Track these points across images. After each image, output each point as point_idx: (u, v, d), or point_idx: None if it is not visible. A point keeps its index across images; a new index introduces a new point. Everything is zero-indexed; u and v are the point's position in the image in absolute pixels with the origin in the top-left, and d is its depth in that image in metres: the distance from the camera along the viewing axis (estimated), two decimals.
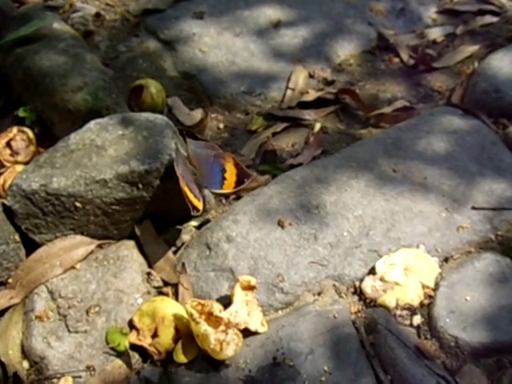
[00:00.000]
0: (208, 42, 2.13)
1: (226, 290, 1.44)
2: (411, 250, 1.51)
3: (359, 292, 1.46)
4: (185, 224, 1.60)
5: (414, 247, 1.52)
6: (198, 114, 1.93)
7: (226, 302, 1.40)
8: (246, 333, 1.36)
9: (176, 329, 1.37)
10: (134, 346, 1.38)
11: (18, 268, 1.49)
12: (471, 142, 1.74)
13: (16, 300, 1.46)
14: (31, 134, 1.78)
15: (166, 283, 1.49)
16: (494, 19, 2.24)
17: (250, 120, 1.94)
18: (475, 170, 1.67)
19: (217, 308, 1.34)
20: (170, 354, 1.36)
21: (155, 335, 1.38)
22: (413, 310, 1.43)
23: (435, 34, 2.21)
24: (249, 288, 1.39)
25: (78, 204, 1.48)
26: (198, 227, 1.60)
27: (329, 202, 1.58)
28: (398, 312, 1.43)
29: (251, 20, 2.19)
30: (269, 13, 2.22)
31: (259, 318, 1.38)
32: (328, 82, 2.04)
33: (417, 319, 1.42)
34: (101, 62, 1.96)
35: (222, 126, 1.93)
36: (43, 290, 1.47)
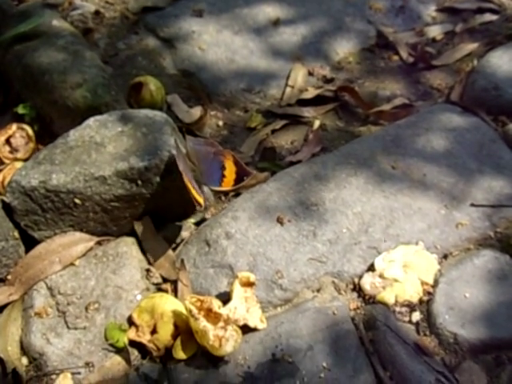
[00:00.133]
0: (207, 40, 2.13)
1: (225, 286, 1.44)
2: (410, 247, 1.51)
3: (358, 289, 1.46)
4: (184, 221, 1.60)
5: (413, 244, 1.52)
6: (197, 112, 1.93)
7: (225, 298, 1.40)
8: (245, 329, 1.36)
9: (175, 325, 1.37)
10: (133, 343, 1.38)
11: (17, 265, 1.49)
12: (470, 139, 1.74)
13: (15, 296, 1.46)
14: (30, 131, 1.78)
15: (165, 280, 1.49)
16: (493, 17, 2.24)
17: (249, 117, 1.94)
18: (474, 167, 1.67)
19: (216, 304, 1.34)
20: (169, 351, 1.36)
21: (154, 331, 1.38)
22: (412, 307, 1.43)
23: (434, 31, 2.21)
24: (248, 284, 1.39)
25: (78, 201, 1.48)
26: (197, 224, 1.60)
27: (328, 198, 1.58)
28: (397, 309, 1.43)
29: (250, 18, 2.19)
30: (268, 11, 2.22)
31: (258, 315, 1.38)
32: (327, 80, 2.04)
33: (416, 316, 1.42)
34: (100, 59, 1.96)
35: (221, 123, 1.93)
36: (42, 287, 1.47)
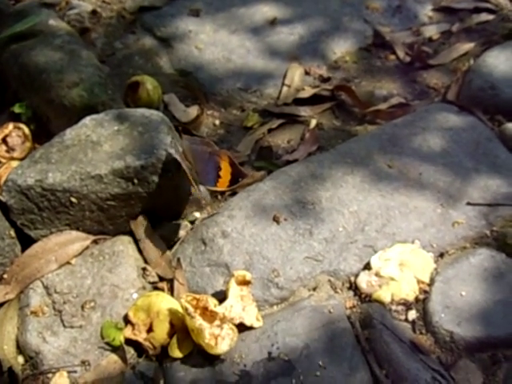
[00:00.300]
0: (204, 40, 2.13)
1: (222, 285, 1.44)
2: (406, 246, 1.51)
3: (354, 287, 1.46)
4: (180, 219, 1.60)
5: (409, 243, 1.52)
6: (193, 111, 1.93)
7: (222, 297, 1.39)
8: (241, 328, 1.36)
9: (171, 323, 1.37)
10: (129, 341, 1.38)
11: (13, 263, 1.49)
12: (467, 138, 1.74)
13: (11, 295, 1.46)
14: (27, 130, 1.78)
15: (161, 278, 1.49)
16: (489, 17, 2.24)
17: (245, 116, 1.94)
18: (470, 166, 1.67)
19: (212, 303, 1.34)
20: (165, 349, 1.36)
21: (150, 330, 1.38)
22: (408, 305, 1.44)
23: (431, 31, 2.21)
24: (244, 283, 1.39)
25: (74, 199, 1.48)
26: (193, 222, 1.60)
27: (324, 197, 1.58)
28: (394, 307, 1.43)
29: (247, 17, 2.20)
30: (265, 10, 2.22)
31: (254, 313, 1.38)
32: (324, 79, 2.04)
33: (412, 314, 1.42)
34: (97, 58, 1.96)
35: (217, 122, 1.93)
36: (38, 286, 1.47)
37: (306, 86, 2.02)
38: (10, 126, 1.77)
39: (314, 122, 1.90)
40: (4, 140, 1.76)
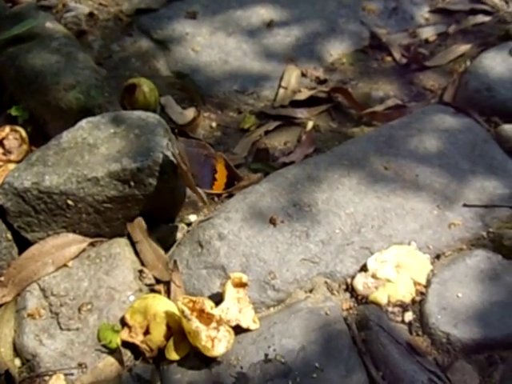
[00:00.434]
0: (201, 42, 2.13)
1: (218, 287, 1.44)
2: (403, 247, 1.51)
3: (351, 289, 1.46)
4: (177, 222, 1.60)
5: (405, 244, 1.52)
6: (190, 113, 1.93)
7: (218, 299, 1.39)
8: (238, 330, 1.36)
9: (168, 326, 1.37)
10: (125, 344, 1.38)
11: (10, 266, 1.49)
12: (463, 139, 1.75)
13: (8, 298, 1.46)
14: (24, 133, 1.78)
15: (158, 281, 1.48)
16: (486, 18, 2.24)
17: (242, 119, 1.94)
18: (467, 167, 1.67)
19: (208, 305, 1.34)
20: (161, 351, 1.36)
21: (147, 332, 1.37)
22: (404, 307, 1.44)
23: (428, 33, 2.22)
24: (240, 285, 1.39)
25: (70, 202, 1.48)
26: (190, 225, 1.60)
27: (321, 199, 1.58)
28: (390, 309, 1.43)
29: (244, 19, 2.20)
30: (261, 12, 2.22)
31: (251, 315, 1.38)
32: (320, 81, 2.04)
33: (408, 316, 1.42)
34: (94, 61, 1.96)
35: (214, 124, 1.93)
36: (35, 288, 1.46)
37: (303, 88, 2.02)
38: (7, 128, 1.77)
39: (310, 124, 1.90)
40: (1, 143, 1.76)
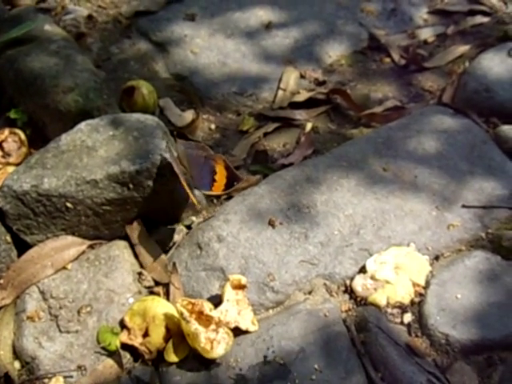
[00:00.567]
0: (199, 44, 2.13)
1: (217, 289, 1.44)
2: (402, 249, 1.51)
3: (350, 291, 1.46)
4: (176, 224, 1.60)
5: (404, 245, 1.53)
6: (189, 115, 1.93)
7: (217, 301, 1.39)
8: (237, 332, 1.36)
9: (167, 328, 1.37)
10: (125, 346, 1.38)
11: (9, 269, 1.49)
12: (462, 140, 1.75)
13: (7, 301, 1.46)
14: (23, 136, 1.78)
15: (157, 283, 1.49)
16: (484, 19, 2.25)
17: (241, 120, 1.94)
18: (466, 168, 1.68)
19: (207, 307, 1.34)
20: (160, 353, 1.36)
21: (146, 334, 1.38)
22: (403, 308, 1.44)
23: (426, 34, 2.22)
24: (239, 287, 1.39)
25: (69, 204, 1.48)
26: (189, 227, 1.60)
27: (319, 201, 1.59)
28: (389, 310, 1.43)
29: (242, 21, 2.20)
30: (260, 14, 2.22)
31: (250, 317, 1.38)
32: (319, 83, 2.05)
33: (407, 317, 1.42)
34: (93, 63, 1.96)
35: (213, 126, 1.93)
36: (34, 291, 1.47)
37: (302, 90, 2.02)
38: (6, 131, 1.77)
39: (309, 126, 1.90)
40: (0, 145, 1.76)
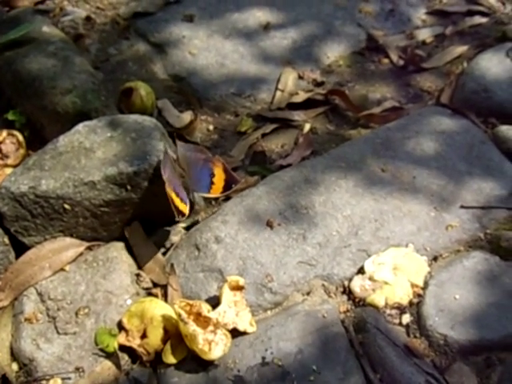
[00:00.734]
0: (198, 45, 2.13)
1: (215, 290, 1.44)
2: (400, 250, 1.51)
3: (348, 291, 1.46)
4: (174, 225, 1.59)
5: (402, 246, 1.53)
6: (187, 116, 1.93)
7: (215, 302, 1.40)
8: (235, 333, 1.36)
9: (165, 329, 1.37)
10: (123, 347, 1.38)
11: (7, 270, 1.49)
12: (460, 141, 1.75)
13: (5, 302, 1.46)
14: (21, 137, 1.78)
15: (155, 284, 1.49)
16: (482, 20, 2.25)
17: (239, 121, 1.94)
18: (464, 169, 1.67)
19: (205, 308, 1.34)
20: (158, 355, 1.36)
21: (144, 336, 1.38)
22: (402, 309, 1.44)
23: (424, 34, 2.22)
24: (237, 288, 1.39)
25: (67, 206, 1.48)
26: (187, 228, 1.60)
27: (318, 202, 1.58)
28: (387, 311, 1.43)
29: (241, 22, 2.20)
30: (258, 15, 2.22)
31: (248, 318, 1.38)
32: (317, 83, 2.04)
33: (406, 318, 1.42)
34: (91, 65, 1.97)
35: (211, 127, 1.93)
36: (32, 293, 1.47)
37: (300, 91, 2.02)
38: (4, 133, 1.77)
39: (307, 127, 1.90)
40: None
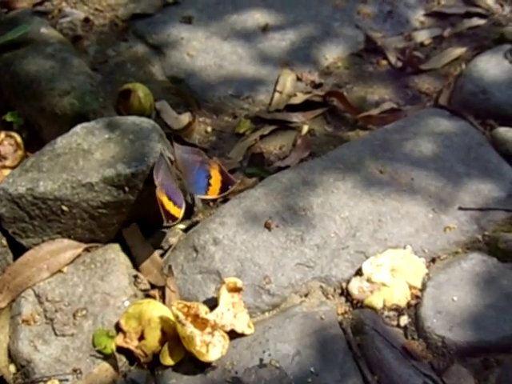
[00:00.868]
0: (196, 46, 2.13)
1: (213, 292, 1.44)
2: (398, 251, 1.51)
3: (346, 293, 1.46)
4: (172, 227, 1.59)
5: (400, 248, 1.52)
6: (185, 118, 1.93)
7: (213, 304, 1.40)
8: (233, 335, 1.36)
9: (162, 331, 1.37)
10: (120, 349, 1.38)
11: (4, 272, 1.49)
12: (458, 143, 1.75)
13: (3, 304, 1.46)
14: (19, 139, 1.78)
15: (153, 286, 1.49)
16: (481, 21, 2.25)
17: (237, 123, 1.94)
18: (462, 170, 1.67)
19: (203, 310, 1.34)
20: (156, 357, 1.36)
21: (142, 338, 1.38)
22: (400, 311, 1.44)
23: (423, 36, 2.22)
24: (235, 290, 1.39)
25: (65, 208, 1.48)
26: (185, 230, 1.60)
27: (316, 203, 1.58)
28: (385, 313, 1.43)
29: (239, 24, 2.20)
30: (257, 16, 2.22)
31: (246, 320, 1.38)
32: (316, 85, 2.04)
33: (404, 320, 1.42)
34: (89, 66, 1.97)
35: (209, 129, 1.93)
36: (30, 294, 1.46)
37: (298, 92, 2.02)
38: (2, 134, 1.77)
39: (305, 128, 1.90)
40: None
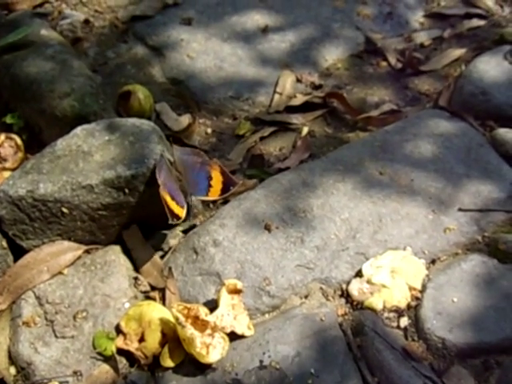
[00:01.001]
0: (196, 48, 2.13)
1: (213, 293, 1.44)
2: (398, 253, 1.51)
3: (346, 295, 1.46)
4: (172, 229, 1.59)
5: (400, 249, 1.53)
6: (185, 120, 1.93)
7: (213, 305, 1.40)
8: (233, 336, 1.36)
9: (163, 333, 1.37)
10: (120, 351, 1.38)
11: (5, 274, 1.49)
12: (458, 144, 1.75)
13: (3, 306, 1.46)
14: (19, 141, 1.78)
15: (153, 288, 1.49)
16: (480, 22, 2.25)
17: (237, 125, 1.94)
18: (462, 171, 1.67)
19: (203, 312, 1.34)
20: (156, 358, 1.36)
21: (142, 339, 1.38)
22: (400, 312, 1.44)
23: (423, 37, 2.22)
24: (235, 291, 1.39)
25: (65, 209, 1.48)
26: (185, 232, 1.60)
27: (316, 205, 1.58)
28: (385, 314, 1.43)
29: (239, 25, 2.20)
30: (256, 18, 2.22)
31: (246, 322, 1.38)
32: (316, 86, 2.05)
33: (404, 321, 1.42)
34: (89, 68, 1.97)
35: (209, 130, 1.93)
36: (30, 296, 1.47)
37: (298, 94, 2.02)
38: (2, 136, 1.77)
39: (305, 130, 1.90)
40: None
